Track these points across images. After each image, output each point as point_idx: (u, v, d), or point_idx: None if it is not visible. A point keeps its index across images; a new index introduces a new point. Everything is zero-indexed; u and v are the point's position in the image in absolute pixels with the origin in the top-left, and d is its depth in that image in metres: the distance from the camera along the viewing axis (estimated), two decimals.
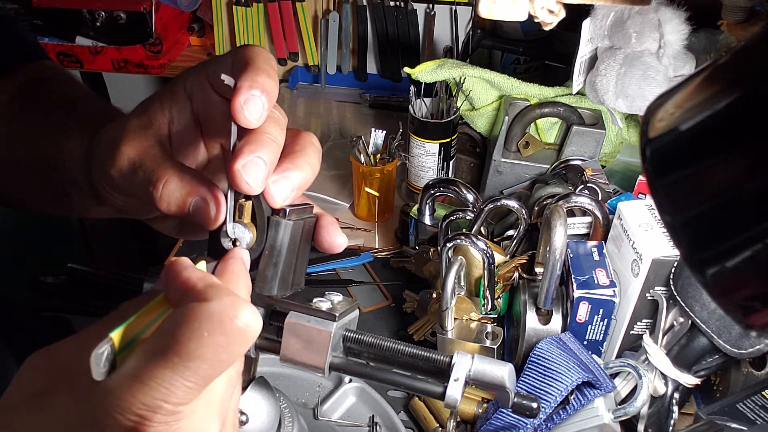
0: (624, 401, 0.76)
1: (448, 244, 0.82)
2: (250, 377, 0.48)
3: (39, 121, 0.58)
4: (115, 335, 0.31)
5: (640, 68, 0.95)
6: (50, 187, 0.58)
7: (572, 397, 0.73)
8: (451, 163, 1.16)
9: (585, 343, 0.80)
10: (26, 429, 0.34)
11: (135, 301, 0.37)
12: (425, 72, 1.11)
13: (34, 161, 0.58)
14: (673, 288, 0.74)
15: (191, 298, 0.33)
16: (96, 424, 0.32)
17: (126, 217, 0.53)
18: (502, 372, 0.41)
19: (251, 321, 0.32)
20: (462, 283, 0.85)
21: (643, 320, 0.80)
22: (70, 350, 0.35)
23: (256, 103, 0.38)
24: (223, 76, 0.40)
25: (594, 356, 0.78)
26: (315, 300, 0.43)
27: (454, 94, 1.12)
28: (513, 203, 0.88)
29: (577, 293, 0.77)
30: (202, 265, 0.38)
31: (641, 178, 0.94)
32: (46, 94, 0.62)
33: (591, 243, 0.84)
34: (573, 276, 0.78)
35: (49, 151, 0.55)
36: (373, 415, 0.81)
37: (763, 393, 0.68)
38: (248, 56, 0.41)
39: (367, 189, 1.13)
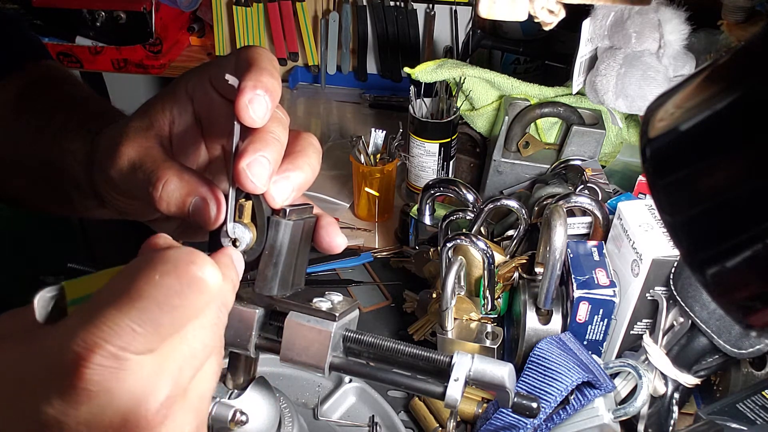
0: (624, 401, 0.76)
1: (448, 244, 0.82)
2: (250, 377, 0.48)
3: (41, 122, 0.58)
4: (69, 284, 0.31)
5: (640, 68, 0.95)
6: (51, 187, 0.58)
7: (572, 397, 0.73)
8: (451, 163, 1.16)
9: (585, 343, 0.80)
10: None
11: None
12: (425, 72, 1.11)
13: (35, 162, 0.58)
14: (673, 288, 0.74)
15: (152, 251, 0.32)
16: (37, 363, 0.31)
17: (127, 218, 0.53)
18: (502, 372, 0.41)
19: (209, 272, 0.31)
20: (462, 283, 0.85)
21: (643, 320, 0.80)
22: (28, 308, 0.34)
23: (261, 102, 0.39)
24: (228, 76, 0.40)
25: (594, 356, 0.78)
26: (315, 300, 0.43)
27: (454, 94, 1.12)
28: (513, 203, 0.88)
29: (577, 293, 0.77)
30: None
31: (641, 178, 0.94)
32: (48, 95, 0.62)
33: (591, 243, 0.84)
34: (573, 276, 0.78)
35: (50, 152, 0.55)
36: (373, 415, 0.81)
37: (763, 393, 0.68)
38: (251, 57, 0.41)
39: (367, 189, 1.13)
